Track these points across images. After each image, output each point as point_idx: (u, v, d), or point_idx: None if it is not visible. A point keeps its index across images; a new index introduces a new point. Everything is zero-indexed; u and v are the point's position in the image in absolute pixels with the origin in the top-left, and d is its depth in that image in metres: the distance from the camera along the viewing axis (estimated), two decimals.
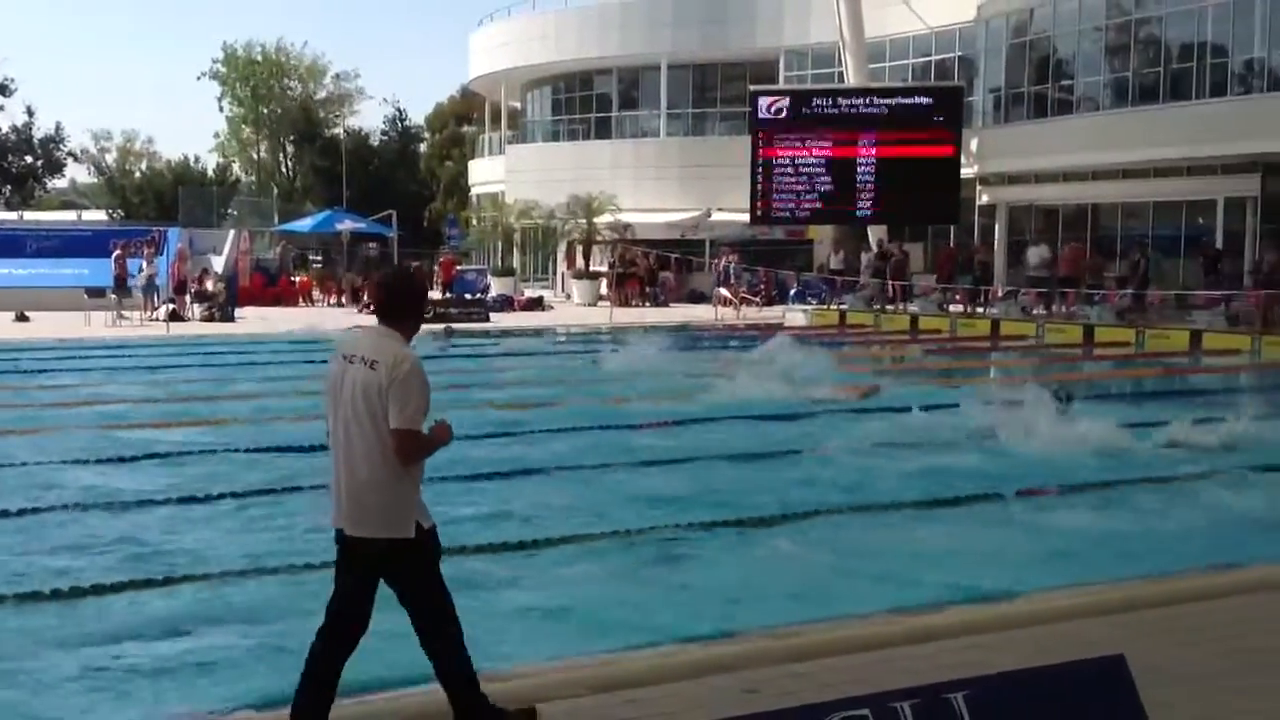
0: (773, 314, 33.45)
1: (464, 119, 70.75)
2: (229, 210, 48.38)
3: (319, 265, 45.23)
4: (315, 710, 4.76)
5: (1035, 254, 31.17)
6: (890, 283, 32.15)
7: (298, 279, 42.00)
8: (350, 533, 4.75)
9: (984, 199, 36.62)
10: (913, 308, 31.43)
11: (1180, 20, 30.69)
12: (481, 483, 10.62)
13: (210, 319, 30.89)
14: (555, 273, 44.78)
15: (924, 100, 34.33)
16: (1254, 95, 28.80)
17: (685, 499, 9.94)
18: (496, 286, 39.92)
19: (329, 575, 5.03)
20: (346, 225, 42.82)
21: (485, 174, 51.95)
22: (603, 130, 45.56)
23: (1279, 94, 28.12)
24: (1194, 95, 29.95)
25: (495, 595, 7.35)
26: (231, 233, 38.70)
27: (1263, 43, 28.70)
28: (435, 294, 39.71)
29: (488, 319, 32.35)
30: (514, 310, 36.24)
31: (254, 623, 6.80)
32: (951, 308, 30.74)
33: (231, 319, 31.10)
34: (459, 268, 42.42)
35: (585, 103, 46.46)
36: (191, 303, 32.21)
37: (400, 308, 4.90)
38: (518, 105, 52.09)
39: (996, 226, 36.51)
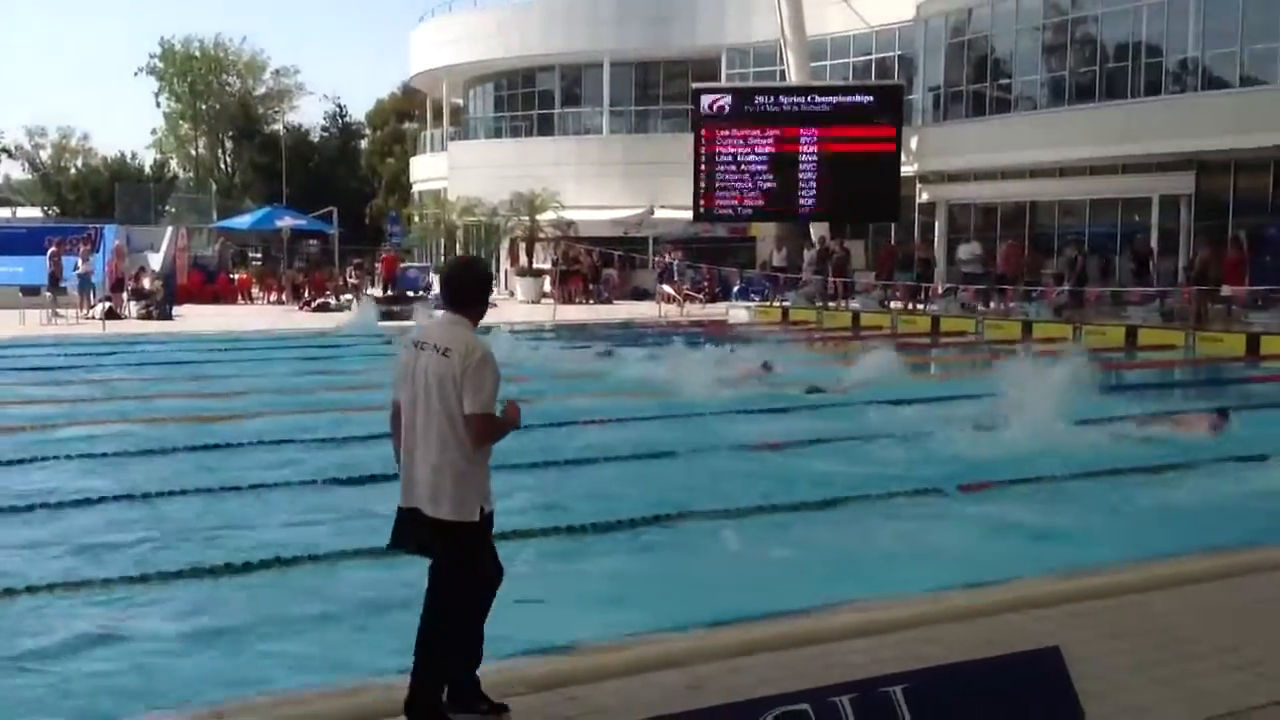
0: (716, 311, 33.55)
1: (405, 115, 70.41)
2: (167, 207, 47.76)
3: (258, 262, 44.80)
4: (419, 683, 4.89)
5: (967, 250, 31.59)
6: (832, 280, 32.37)
7: (237, 276, 41.59)
8: (428, 513, 4.86)
9: (924, 197, 36.96)
10: (854, 304, 31.64)
11: (1116, 20, 31.12)
12: None
13: (148, 317, 30.52)
14: (498, 270, 44.63)
15: (865, 99, 34.58)
16: (1188, 94, 29.26)
17: (629, 495, 9.97)
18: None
19: None
20: (286, 222, 42.44)
21: (427, 171, 51.70)
22: (545, 127, 45.49)
23: (1213, 93, 28.59)
24: (1129, 94, 30.39)
25: None
26: (169, 230, 38.20)
27: (1196, 42, 29.17)
28: (377, 291, 39.57)
29: (430, 316, 32.15)
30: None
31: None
32: (894, 304, 30.99)
33: (169, 317, 30.73)
34: (401, 265, 42.20)
35: (528, 99, 46.35)
36: (128, 301, 31.81)
37: (466, 296, 5.04)
38: (460, 102, 51.88)
39: (936, 224, 36.87)
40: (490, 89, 48.31)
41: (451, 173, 46.55)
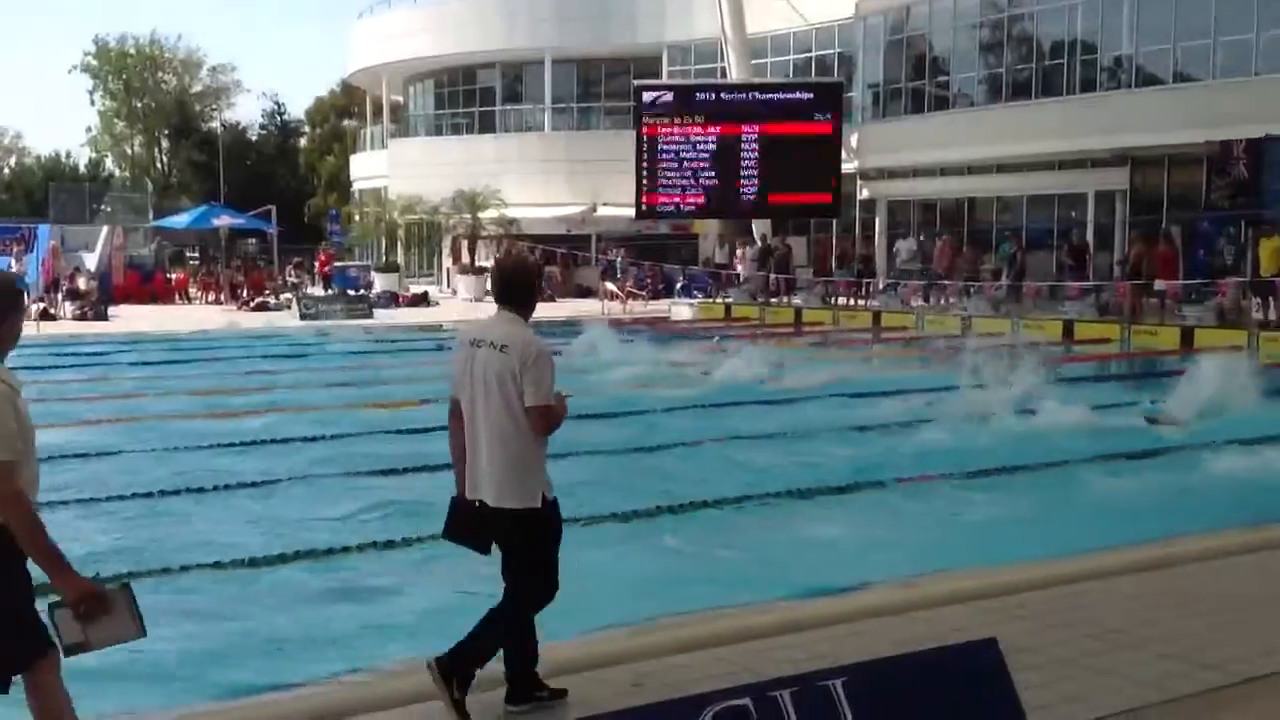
0: (659, 308, 33.62)
1: (345, 113, 69.85)
2: (102, 206, 47.04)
3: (195, 262, 44.30)
4: (464, 657, 5.00)
5: (904, 247, 31.88)
6: (773, 276, 32.53)
7: (174, 276, 41.14)
8: (492, 504, 5.04)
9: (864, 193, 37.20)
10: (796, 300, 31.82)
11: (1051, 18, 31.49)
12: (364, 479, 10.58)
13: (83, 318, 30.14)
14: (441, 268, 44.45)
15: (805, 95, 34.73)
16: (1122, 90, 29.66)
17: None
18: (381, 282, 39.49)
19: None
20: (224, 221, 42.01)
21: (367, 169, 51.33)
22: (487, 124, 45.30)
23: (1146, 89, 29.01)
24: (1065, 91, 30.76)
25: (390, 594, 7.30)
26: (105, 229, 37.69)
27: (1130, 39, 29.57)
28: (318, 289, 39.31)
29: (371, 315, 32.02)
30: (399, 306, 35.91)
31: None
32: (836, 300, 31.19)
33: (105, 318, 30.35)
34: (337, 263, 41.97)
35: (469, 96, 46.14)
36: (63, 301, 31.36)
37: (519, 293, 5.23)
38: (400, 99, 51.55)
39: (877, 220, 37.14)
40: (430, 86, 48.04)
41: (392, 170, 46.24)
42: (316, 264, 41.46)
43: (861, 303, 30.82)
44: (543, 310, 30.95)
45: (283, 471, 10.87)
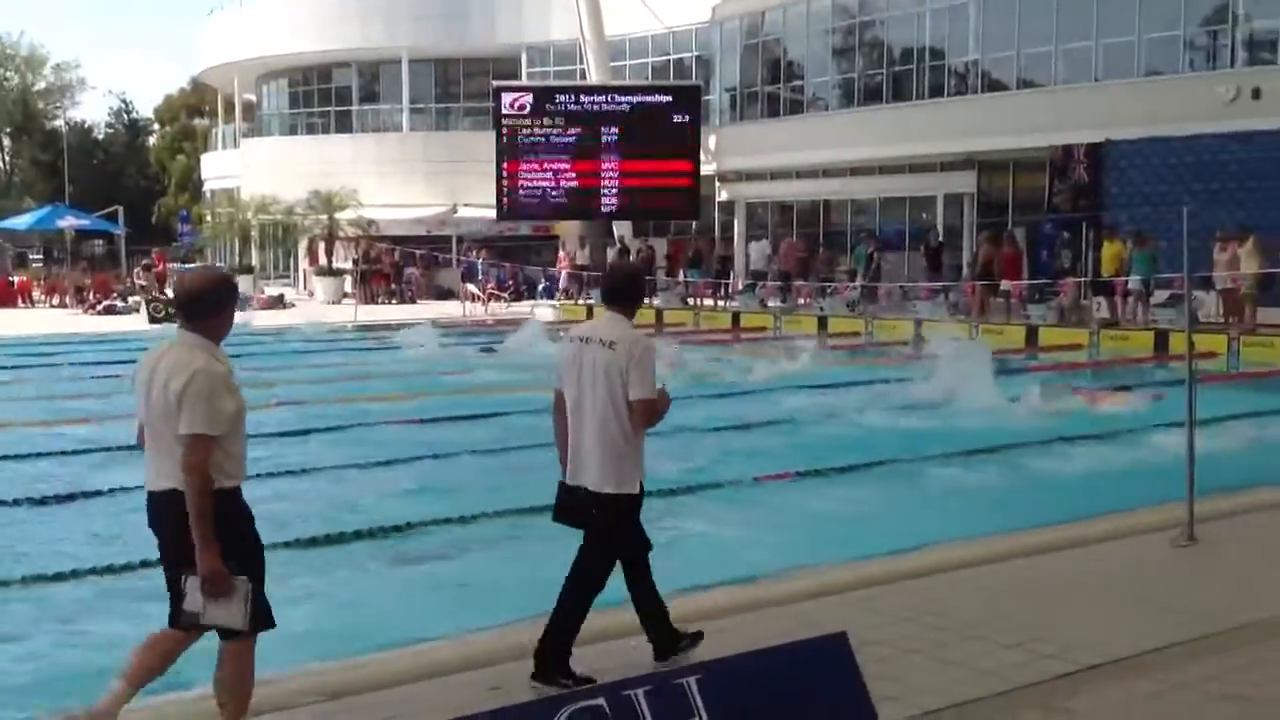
0: (521, 310, 33.52)
1: (196, 111, 68.17)
2: None
3: (39, 264, 42.80)
4: (553, 637, 5.39)
5: (756, 249, 32.32)
6: None
7: (16, 279, 39.65)
8: (593, 489, 5.43)
9: (723, 195, 37.62)
10: (657, 302, 32.02)
11: (901, 24, 32.27)
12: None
13: None
14: (297, 270, 43.65)
15: (664, 98, 34.98)
16: (969, 96, 30.55)
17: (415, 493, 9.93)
18: None
19: None
20: (69, 222, 40.71)
21: (219, 168, 50.14)
22: (343, 124, 44.60)
23: (992, 95, 29.91)
24: (915, 96, 31.56)
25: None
26: None
27: (976, 46, 30.47)
28: (170, 292, 38.25)
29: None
30: (253, 309, 35.14)
31: None
32: (702, 301, 31.47)
33: None
34: (180, 264, 40.93)
35: (324, 96, 45.35)
36: None
37: (625, 293, 5.70)
38: (252, 97, 50.46)
39: (736, 222, 37.59)
40: (284, 85, 47.08)
41: (245, 170, 45.24)
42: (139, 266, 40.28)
43: (721, 304, 31.17)
44: (403, 312, 30.65)
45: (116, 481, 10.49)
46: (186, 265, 41.79)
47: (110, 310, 33.28)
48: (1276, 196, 23.87)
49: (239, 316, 5.21)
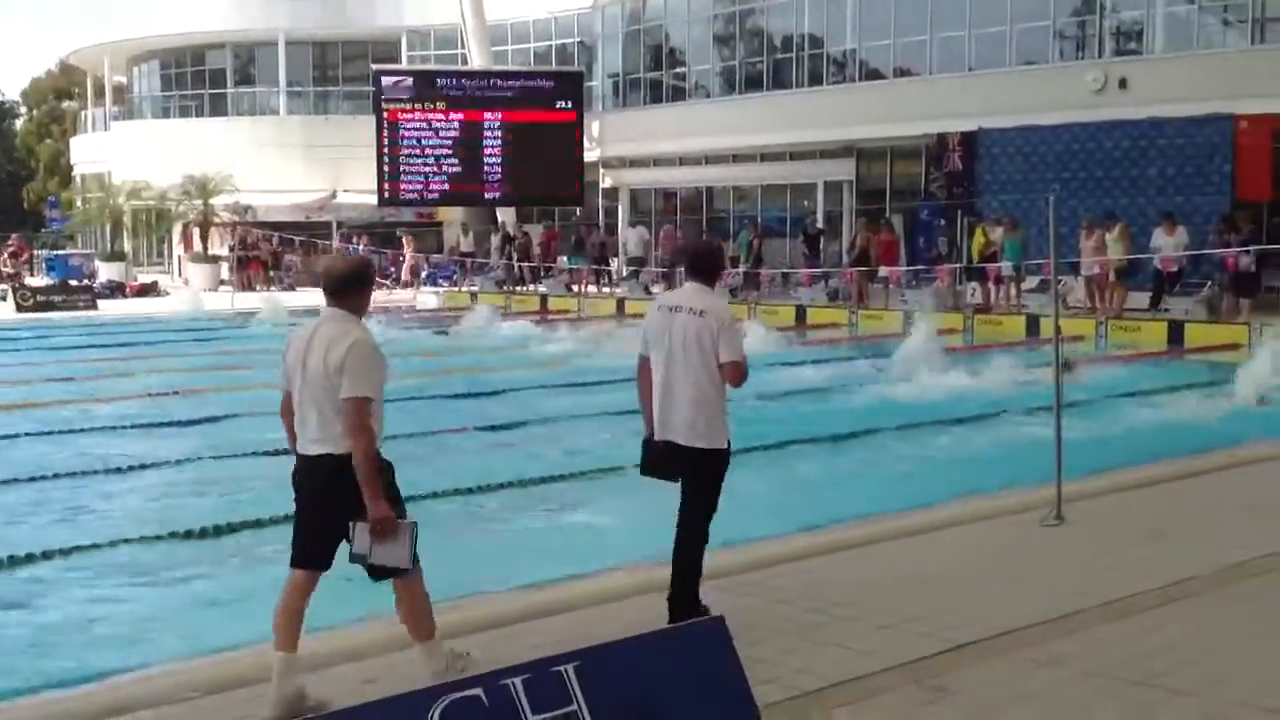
0: (404, 296, 33.17)
1: (65, 94, 66.13)
2: None
3: None
4: (683, 580, 5.98)
5: (633, 236, 32.39)
6: (518, 264, 32.56)
7: None
8: (681, 443, 5.91)
9: (607, 182, 37.64)
10: (541, 288, 31.91)
11: (780, 12, 32.59)
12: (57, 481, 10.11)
13: None
14: (171, 256, 42.62)
15: (546, 84, 34.87)
16: (847, 85, 30.98)
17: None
18: (106, 271, 37.59)
19: None
20: None
21: (90, 152, 48.66)
22: (218, 107, 43.61)
23: (869, 84, 30.38)
24: (795, 84, 31.91)
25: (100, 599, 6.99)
26: None
27: (854, 35, 30.90)
28: (41, 279, 37.09)
29: (95, 306, 30.47)
30: (126, 297, 34.29)
31: None
32: (590, 288, 31.43)
33: None
34: (52, 251, 39.78)
35: (198, 78, 44.29)
36: None
37: (707, 268, 6.23)
38: (124, 80, 49.06)
39: (620, 208, 37.63)
40: (156, 67, 45.85)
41: (117, 154, 43.99)
42: (7, 253, 39.03)
43: (606, 290, 31.18)
44: (281, 299, 30.10)
45: None
46: (57, 252, 40.64)
47: None
48: (1142, 184, 24.65)
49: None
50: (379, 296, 32.52)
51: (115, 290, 34.69)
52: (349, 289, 5.27)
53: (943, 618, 6.08)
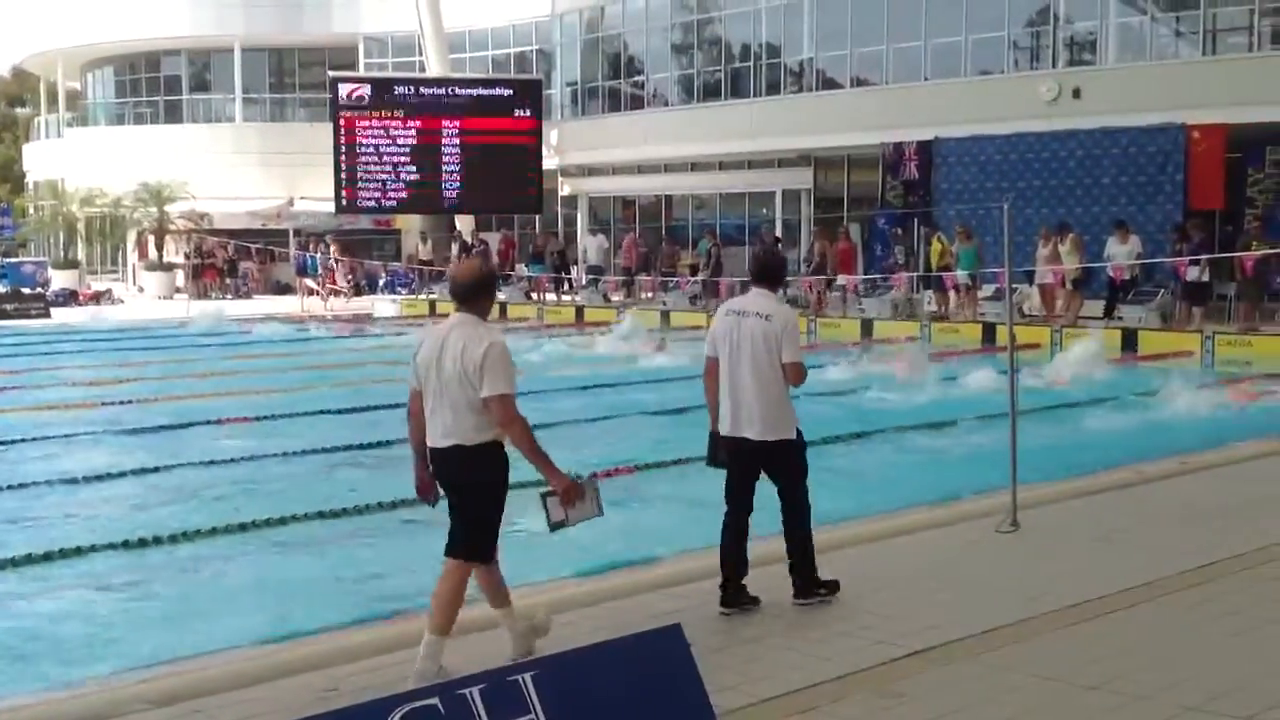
0: (362, 304, 33.03)
1: (17, 100, 65.44)
2: None
3: None
4: (802, 554, 6.57)
5: (593, 244, 32.38)
6: None
7: None
8: (753, 438, 6.43)
9: (566, 190, 37.62)
10: (501, 295, 31.84)
11: (738, 22, 32.69)
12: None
13: None
14: (126, 264, 42.22)
15: (505, 92, 34.82)
16: (804, 94, 31.12)
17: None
18: (60, 280, 37.19)
19: None
20: None
21: (43, 159, 48.05)
22: (173, 114, 43.25)
23: (827, 93, 30.52)
24: (753, 93, 32.00)
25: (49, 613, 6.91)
26: None
27: (811, 45, 31.05)
28: None
29: (48, 314, 30.16)
30: (79, 305, 33.95)
31: None
32: (549, 296, 31.40)
33: None
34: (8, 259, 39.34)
35: (153, 85, 43.91)
36: None
37: (772, 276, 6.77)
38: (78, 86, 48.57)
39: (579, 216, 37.63)
40: (111, 73, 45.44)
41: (70, 161, 43.52)
42: None
43: (564, 298, 31.17)
44: (238, 307, 29.94)
45: None
46: (10, 259, 40.17)
47: None
48: (1096, 193, 24.91)
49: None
50: (338, 304, 32.53)
51: (69, 298, 34.35)
52: (475, 295, 5.70)
53: (900, 624, 6.12)
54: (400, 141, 34.13)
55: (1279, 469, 10.41)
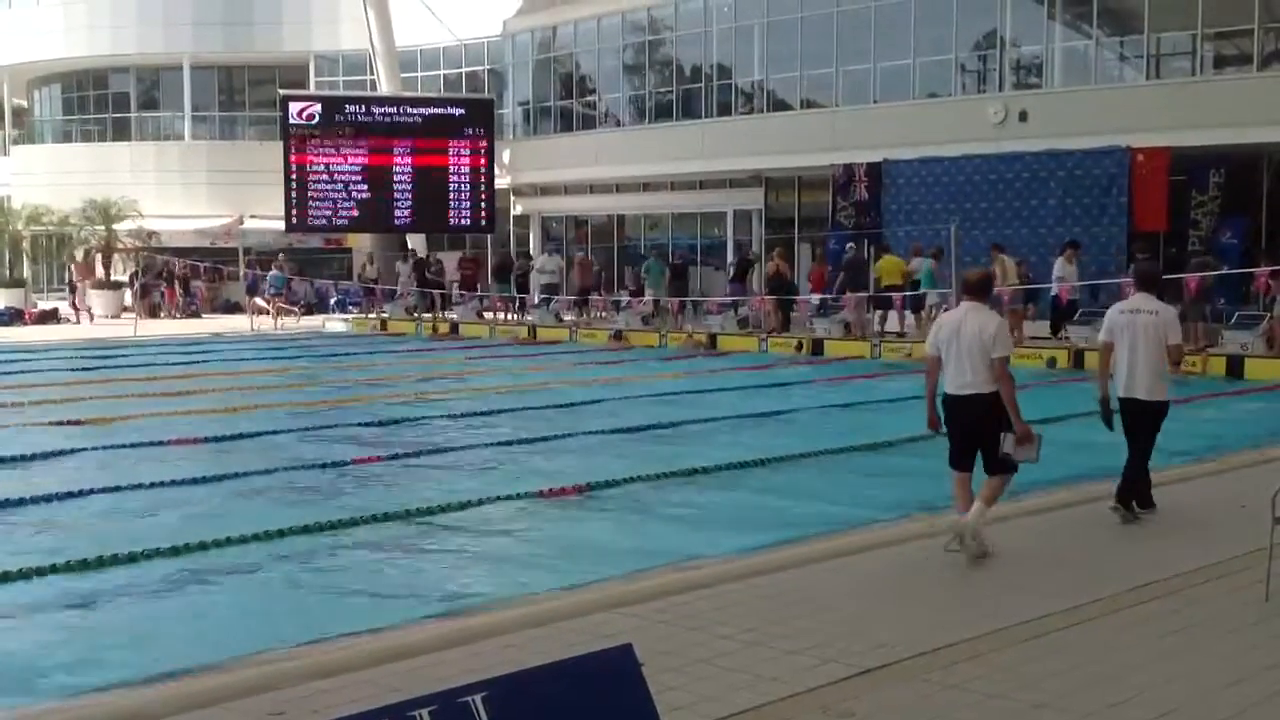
0: (312, 323, 32.81)
1: None
2: None
3: None
4: (1147, 482, 9.09)
5: (546, 263, 32.41)
6: (429, 291, 32.38)
7: None
8: (1143, 398, 8.72)
9: (518, 209, 37.62)
10: (452, 315, 31.77)
11: (689, 43, 32.86)
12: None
13: None
14: (69, 283, 41.69)
15: (457, 111, 34.79)
16: (755, 115, 31.31)
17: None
18: (4, 299, 36.71)
19: None
20: None
21: None
22: (121, 132, 42.86)
23: (777, 114, 30.73)
24: (704, 114, 32.17)
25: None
26: None
27: (761, 67, 31.27)
28: None
29: None
30: (25, 324, 33.52)
31: None
32: (501, 315, 31.32)
33: None
34: None
35: (100, 102, 43.51)
36: None
37: (982, 290, 8.30)
38: (23, 103, 48.03)
39: (531, 236, 37.62)
40: (58, 90, 44.97)
41: (15, 179, 43.03)
42: None
43: (515, 317, 31.13)
44: (187, 327, 29.64)
45: None
46: None
47: None
48: (1042, 214, 25.22)
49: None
50: (289, 323, 32.28)
51: (14, 318, 33.90)
52: (982, 290, 8.27)
53: (849, 643, 6.13)
54: (351, 160, 34.02)
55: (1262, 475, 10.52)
